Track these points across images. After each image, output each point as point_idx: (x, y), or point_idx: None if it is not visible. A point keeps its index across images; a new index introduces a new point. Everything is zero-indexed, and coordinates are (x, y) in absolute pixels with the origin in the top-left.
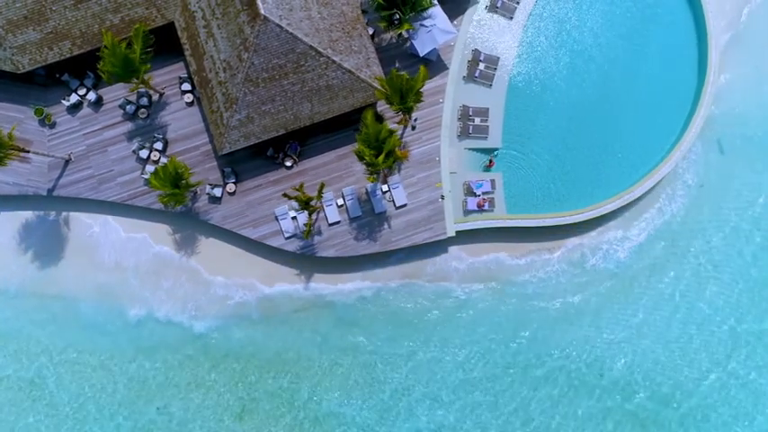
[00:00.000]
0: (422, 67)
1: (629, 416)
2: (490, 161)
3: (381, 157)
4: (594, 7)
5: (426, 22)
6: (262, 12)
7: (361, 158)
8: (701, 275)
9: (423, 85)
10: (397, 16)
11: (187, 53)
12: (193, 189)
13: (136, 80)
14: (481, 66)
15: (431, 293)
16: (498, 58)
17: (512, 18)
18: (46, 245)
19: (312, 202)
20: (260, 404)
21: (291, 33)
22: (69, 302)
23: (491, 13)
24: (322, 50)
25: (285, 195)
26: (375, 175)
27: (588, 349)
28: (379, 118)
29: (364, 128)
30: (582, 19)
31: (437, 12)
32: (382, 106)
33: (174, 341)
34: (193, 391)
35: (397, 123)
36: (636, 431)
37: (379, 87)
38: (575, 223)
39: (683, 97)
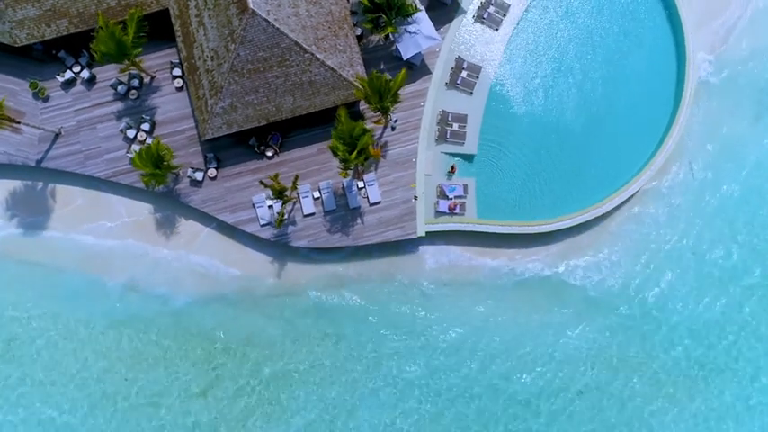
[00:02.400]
0: (402, 71)
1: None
2: (452, 167)
3: (354, 154)
4: (579, 25)
5: (411, 28)
6: (250, 5)
7: (335, 154)
8: (665, 299)
9: (400, 87)
10: (383, 19)
11: (179, 40)
12: (175, 171)
13: (127, 62)
14: (464, 73)
15: (398, 290)
16: (481, 67)
17: (497, 29)
18: (30, 213)
19: (286, 193)
20: (224, 383)
21: (278, 28)
22: (49, 270)
23: (478, 23)
24: (306, 47)
25: (261, 183)
26: (348, 171)
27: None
28: (359, 116)
29: (339, 124)
30: (566, 36)
31: (422, 17)
32: (364, 106)
33: (147, 316)
34: (161, 365)
35: (374, 123)
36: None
37: (359, 86)
38: (543, 233)
39: (658, 118)
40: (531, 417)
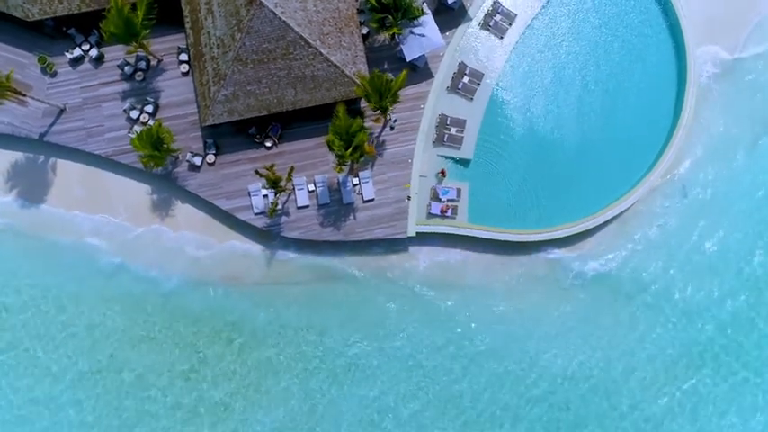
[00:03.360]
0: (404, 72)
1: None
2: (442, 171)
3: (349, 151)
4: (583, 38)
5: (416, 30)
6: None
7: (331, 148)
8: (639, 318)
9: (400, 88)
10: (389, 20)
11: (187, 25)
12: (175, 155)
13: (135, 43)
14: (465, 79)
15: (386, 287)
16: (483, 74)
17: (502, 38)
18: (29, 186)
19: (281, 184)
20: (208, 366)
21: (284, 21)
22: (44, 244)
23: (483, 31)
24: (311, 41)
25: (256, 172)
26: (343, 167)
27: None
28: (360, 114)
29: (337, 120)
30: (569, 48)
31: (428, 21)
32: (364, 104)
33: (136, 295)
34: (147, 345)
35: (373, 121)
36: None
37: (359, 84)
38: (533, 242)
39: (655, 138)
40: (507, 417)
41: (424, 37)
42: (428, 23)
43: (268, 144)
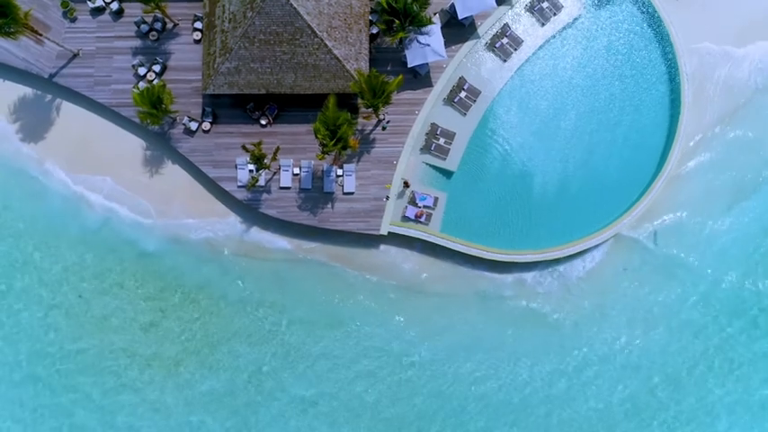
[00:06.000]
0: (400, 76)
1: None
2: (405, 182)
3: (333, 141)
4: (584, 76)
5: (422, 39)
6: None
7: (316, 136)
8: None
9: (393, 90)
10: (396, 24)
11: None
12: (172, 116)
13: (153, 4)
14: (463, 94)
15: (352, 280)
16: (481, 91)
17: (506, 61)
18: (32, 121)
19: (265, 161)
20: (168, 322)
21: (295, 8)
22: (37, 182)
23: (489, 51)
24: (318, 32)
25: (243, 148)
26: (326, 156)
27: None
28: (355, 109)
29: (326, 110)
30: (570, 83)
31: (435, 31)
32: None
33: (113, 245)
34: (115, 293)
35: (364, 118)
36: None
37: (356, 79)
38: (499, 261)
39: (636, 181)
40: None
41: (428, 46)
42: (435, 34)
43: (263, 122)
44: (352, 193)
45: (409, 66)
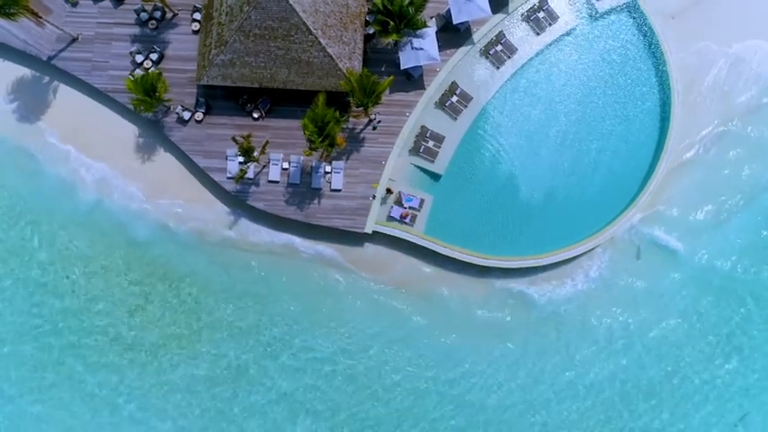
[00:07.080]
0: (390, 77)
1: None
2: (388, 189)
3: (320, 138)
4: (577, 86)
5: (416, 41)
6: None
7: (304, 132)
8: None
9: (383, 91)
10: (391, 25)
11: None
12: (166, 105)
13: None
14: (454, 98)
15: (337, 278)
16: (473, 97)
17: (499, 68)
18: (28, 103)
19: (253, 154)
20: (151, 308)
21: (291, 5)
22: (34, 162)
23: (483, 57)
24: (313, 30)
25: (233, 139)
26: (313, 152)
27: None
28: (346, 107)
29: (315, 107)
30: (562, 92)
31: (430, 35)
32: None
33: (103, 229)
34: (102, 276)
35: (353, 117)
36: None
37: (347, 78)
38: (479, 265)
39: (622, 193)
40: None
41: (422, 50)
42: (429, 37)
43: (255, 115)
44: (339, 191)
45: (402, 68)
